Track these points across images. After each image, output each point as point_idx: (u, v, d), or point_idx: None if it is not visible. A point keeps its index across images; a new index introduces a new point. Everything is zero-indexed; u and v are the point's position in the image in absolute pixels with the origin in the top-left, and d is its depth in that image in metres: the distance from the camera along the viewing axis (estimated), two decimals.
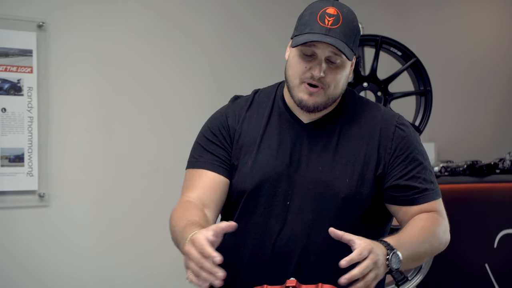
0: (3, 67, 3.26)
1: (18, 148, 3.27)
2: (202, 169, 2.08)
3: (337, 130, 2.08)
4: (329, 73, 1.97)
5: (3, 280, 3.23)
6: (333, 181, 2.03)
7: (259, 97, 2.18)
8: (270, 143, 2.07)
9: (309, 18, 1.98)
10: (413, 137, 2.14)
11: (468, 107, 4.64)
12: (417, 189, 2.07)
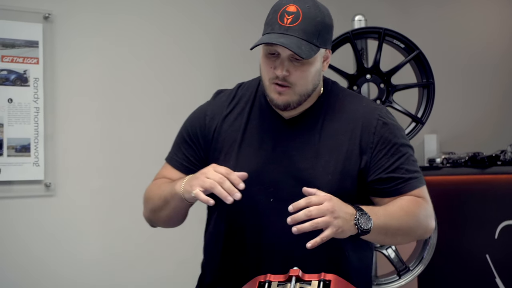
0: (10, 58, 3.26)
1: (25, 139, 3.28)
2: (170, 166, 2.17)
3: (319, 125, 2.06)
4: (294, 71, 1.94)
5: (12, 267, 3.25)
6: (316, 178, 2.02)
7: (241, 91, 2.16)
8: (252, 141, 2.06)
9: (272, 18, 1.96)
10: (395, 129, 2.12)
11: (470, 100, 4.64)
12: (400, 179, 2.06)
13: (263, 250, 2.03)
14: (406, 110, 3.62)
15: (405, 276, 3.57)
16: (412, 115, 3.63)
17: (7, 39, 3.25)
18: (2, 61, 3.24)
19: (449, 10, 4.65)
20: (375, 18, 3.96)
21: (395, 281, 3.57)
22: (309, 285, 1.66)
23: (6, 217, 3.25)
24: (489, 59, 4.73)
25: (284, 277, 1.70)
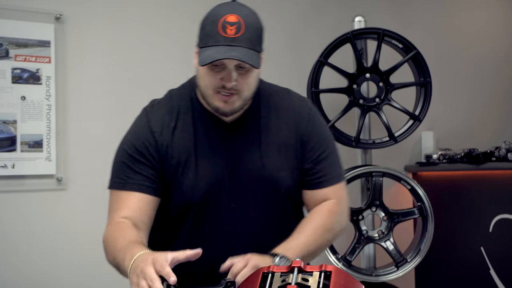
0: (23, 57, 3.26)
1: (37, 135, 3.28)
2: (130, 191, 1.99)
3: (261, 124, 2.07)
4: (240, 79, 1.92)
5: (24, 259, 3.25)
6: (272, 176, 2.03)
7: (176, 102, 2.09)
8: (204, 151, 2.02)
9: (211, 28, 1.89)
10: (323, 125, 2.17)
11: (466, 98, 4.63)
12: (322, 172, 2.08)
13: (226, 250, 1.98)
14: (404, 108, 3.63)
15: (403, 267, 3.58)
16: (410, 112, 3.64)
17: (20, 39, 3.26)
18: (15, 60, 3.24)
19: (446, 11, 4.64)
20: (375, 19, 3.96)
21: (393, 272, 3.58)
22: (310, 276, 1.67)
23: (19, 210, 3.25)
24: (484, 58, 4.72)
25: (287, 268, 1.71)
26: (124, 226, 1.94)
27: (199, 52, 1.91)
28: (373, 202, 3.60)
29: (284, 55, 4.05)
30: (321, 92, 3.58)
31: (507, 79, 4.80)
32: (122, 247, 1.83)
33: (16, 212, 3.25)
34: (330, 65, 3.57)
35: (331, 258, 3.49)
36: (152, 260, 1.66)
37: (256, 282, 1.69)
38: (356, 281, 1.70)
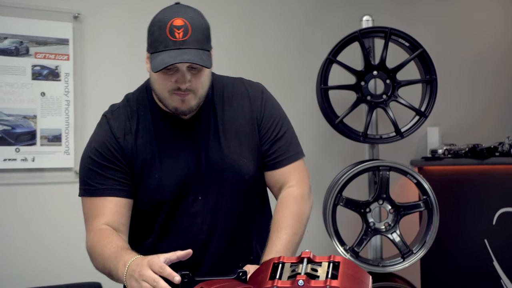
0: (42, 55, 3.28)
1: (56, 129, 3.30)
2: (105, 197, 1.98)
3: (217, 116, 2.08)
4: (193, 79, 1.93)
5: (44, 249, 3.28)
6: (234, 164, 2.05)
7: (134, 105, 2.08)
8: (167, 151, 2.03)
9: (160, 34, 1.89)
10: (277, 106, 2.18)
11: (471, 95, 4.63)
12: (279, 152, 2.10)
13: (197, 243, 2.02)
14: (410, 104, 3.63)
15: (409, 258, 3.59)
16: (416, 109, 3.64)
17: (40, 37, 3.28)
18: (35, 57, 3.27)
19: (450, 10, 4.64)
20: (382, 18, 3.96)
21: (400, 263, 3.59)
22: (319, 266, 1.68)
23: (39, 202, 3.28)
24: (489, 57, 4.72)
25: (297, 258, 1.72)
26: (107, 233, 1.94)
27: (151, 58, 1.91)
28: (380, 195, 3.61)
29: (293, 53, 4.06)
30: (330, 88, 3.59)
31: (510, 75, 4.79)
32: (111, 254, 1.84)
33: (36, 203, 3.27)
34: (338, 63, 3.58)
35: (339, 249, 3.51)
36: (147, 263, 1.68)
37: (267, 272, 1.71)
38: (363, 271, 1.72)
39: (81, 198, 2.04)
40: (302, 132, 3.99)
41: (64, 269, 3.25)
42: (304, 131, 4.05)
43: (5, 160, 3.18)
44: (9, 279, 3.13)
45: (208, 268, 2.05)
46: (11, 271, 3.18)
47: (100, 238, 1.92)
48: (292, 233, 1.99)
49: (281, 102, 2.08)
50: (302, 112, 4.02)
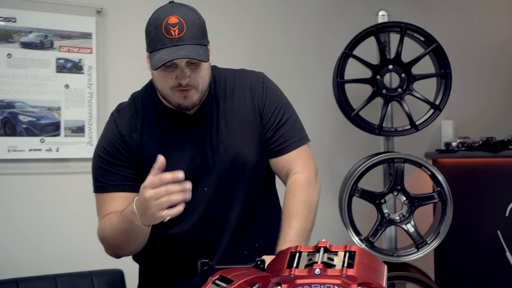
0: (66, 48, 3.30)
1: (80, 120, 3.32)
2: (114, 192, 2.02)
3: (220, 109, 2.08)
4: (193, 74, 1.94)
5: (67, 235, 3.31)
6: (237, 154, 2.06)
7: (139, 104, 2.11)
8: (172, 145, 2.05)
9: (156, 33, 1.91)
10: (279, 93, 2.17)
11: (485, 88, 4.60)
12: (283, 138, 2.10)
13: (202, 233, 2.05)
14: (425, 97, 3.62)
15: (423, 249, 3.58)
16: (430, 102, 3.62)
17: (64, 31, 3.29)
18: (59, 50, 3.28)
19: (466, 5, 4.60)
20: (398, 13, 3.94)
21: (414, 253, 3.58)
22: (336, 255, 1.68)
23: (63, 191, 3.30)
24: (502, 50, 4.68)
25: (313, 248, 1.72)
26: (110, 215, 2.00)
27: (150, 57, 1.93)
28: (395, 186, 3.60)
29: (310, 48, 4.05)
30: (346, 82, 3.58)
31: None
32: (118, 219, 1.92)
33: (60, 193, 3.29)
34: (355, 57, 3.57)
35: (355, 239, 3.50)
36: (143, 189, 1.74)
37: (284, 261, 1.71)
38: (379, 260, 1.71)
39: (95, 194, 2.09)
40: (318, 124, 4.02)
41: (88, 256, 3.26)
42: (321, 124, 4.05)
43: (31, 150, 3.21)
44: (36, 265, 3.16)
45: (220, 256, 2.07)
46: (38, 257, 3.21)
47: (107, 218, 2.00)
48: (303, 221, 1.99)
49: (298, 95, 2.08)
50: (318, 105, 4.02)
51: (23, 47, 3.20)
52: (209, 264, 1.73)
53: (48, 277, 3.08)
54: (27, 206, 3.21)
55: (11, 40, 3.17)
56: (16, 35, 3.19)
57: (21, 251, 3.18)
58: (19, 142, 3.18)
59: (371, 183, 3.74)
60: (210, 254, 2.04)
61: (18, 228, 3.19)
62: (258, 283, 1.52)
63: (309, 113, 3.91)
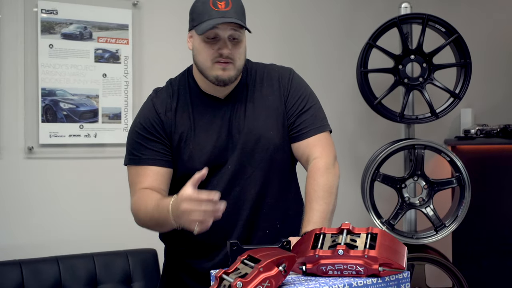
0: (104, 39, 3.32)
1: (116, 108, 3.34)
2: (146, 166, 2.06)
3: (249, 95, 2.13)
4: (233, 48, 2.01)
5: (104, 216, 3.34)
6: (262, 135, 2.10)
7: (176, 87, 2.16)
8: (202, 125, 2.09)
9: (203, 8, 1.99)
10: (304, 84, 2.21)
11: (503, 77, 4.54)
12: (305, 124, 2.13)
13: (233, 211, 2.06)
14: (445, 86, 3.59)
15: (441, 231, 3.56)
16: (450, 91, 3.59)
17: (102, 23, 3.31)
18: (98, 41, 3.30)
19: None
20: (420, 5, 3.91)
21: (433, 235, 3.57)
22: (358, 237, 1.68)
23: (100, 174, 3.33)
24: None
25: (337, 230, 1.72)
26: (148, 192, 2.03)
27: (195, 28, 2.01)
28: (415, 172, 3.58)
29: (335, 38, 4.03)
30: (369, 72, 3.57)
31: None
32: (155, 206, 1.94)
33: (98, 176, 3.33)
34: (378, 47, 3.54)
35: (376, 222, 3.50)
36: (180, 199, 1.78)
37: (309, 242, 1.72)
38: (399, 242, 1.71)
39: (127, 166, 2.14)
40: (342, 112, 4.00)
41: (123, 236, 3.29)
42: (345, 111, 4.04)
43: (70, 136, 3.24)
44: (74, 245, 3.20)
45: (239, 233, 2.09)
46: (76, 237, 3.24)
47: (143, 198, 2.02)
48: (324, 203, 2.01)
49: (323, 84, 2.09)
50: (343, 93, 4.00)
51: (64, 38, 3.22)
52: (237, 244, 1.75)
53: (86, 256, 3.12)
54: (66, 188, 3.25)
55: (52, 32, 3.20)
56: (58, 27, 3.21)
57: (61, 231, 3.22)
58: (59, 128, 3.21)
59: (392, 169, 3.73)
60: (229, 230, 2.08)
61: (58, 209, 3.23)
62: (284, 262, 1.53)
63: (334, 102, 3.89)
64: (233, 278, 1.51)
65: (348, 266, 1.62)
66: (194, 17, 2.04)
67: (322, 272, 1.65)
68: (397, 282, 1.65)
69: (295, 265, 1.67)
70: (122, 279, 3.13)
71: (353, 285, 1.57)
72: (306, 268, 1.67)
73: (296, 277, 1.67)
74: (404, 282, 1.66)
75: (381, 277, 1.62)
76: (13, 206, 3.13)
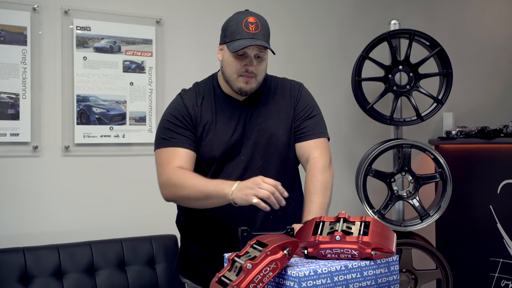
0: (131, 52, 3.32)
1: (142, 112, 3.35)
2: (176, 147, 2.09)
3: (264, 100, 2.18)
4: (257, 65, 2.06)
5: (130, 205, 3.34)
6: (272, 133, 2.15)
7: (202, 88, 2.21)
8: (222, 120, 2.13)
9: (236, 28, 2.03)
10: (311, 96, 2.27)
11: (480, 85, 4.53)
12: (308, 128, 2.17)
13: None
14: (429, 93, 3.59)
15: (426, 220, 3.56)
16: (434, 97, 3.59)
17: (129, 38, 3.32)
18: (125, 54, 3.30)
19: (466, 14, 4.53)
20: (407, 21, 3.90)
21: (418, 224, 3.57)
22: (353, 224, 1.68)
23: (127, 169, 3.33)
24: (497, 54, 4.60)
25: (334, 218, 1.73)
26: (188, 171, 2.06)
27: (228, 44, 2.05)
28: (403, 168, 3.58)
29: (333, 51, 4.03)
30: (362, 80, 3.56)
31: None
32: (208, 182, 1.97)
33: (125, 170, 3.33)
34: (370, 59, 3.54)
35: (369, 211, 3.49)
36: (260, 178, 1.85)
37: (310, 229, 1.72)
38: (389, 229, 1.72)
39: (156, 151, 2.16)
40: (339, 115, 4.00)
41: (148, 224, 3.30)
42: (341, 115, 4.04)
43: (102, 136, 3.25)
44: (105, 231, 3.20)
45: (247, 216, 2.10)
46: (106, 224, 3.25)
47: (185, 173, 2.05)
48: (322, 196, 2.03)
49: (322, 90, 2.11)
50: (339, 99, 4.00)
51: (96, 51, 3.23)
52: (247, 231, 1.75)
53: (115, 241, 3.13)
54: (98, 181, 3.26)
55: (86, 46, 3.21)
56: (91, 41, 3.22)
57: (93, 219, 3.23)
58: (92, 130, 3.22)
59: (383, 165, 3.73)
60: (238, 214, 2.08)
61: (91, 200, 3.24)
62: (289, 247, 1.53)
63: (332, 106, 3.89)
64: (243, 260, 1.52)
65: (344, 250, 1.62)
66: (227, 34, 2.08)
67: (321, 256, 1.66)
68: (387, 264, 1.65)
69: (298, 249, 1.67)
70: (146, 261, 3.14)
71: (348, 267, 1.58)
72: (307, 252, 1.67)
73: (299, 259, 1.67)
74: (394, 264, 1.67)
75: (373, 260, 1.62)
76: (52, 197, 3.15)
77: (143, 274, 3.08)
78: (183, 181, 2.03)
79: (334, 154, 2.32)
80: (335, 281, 1.54)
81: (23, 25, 3.05)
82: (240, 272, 1.49)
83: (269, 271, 1.48)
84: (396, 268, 1.67)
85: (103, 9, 3.26)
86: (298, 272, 1.50)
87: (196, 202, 2.04)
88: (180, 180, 2.04)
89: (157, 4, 3.43)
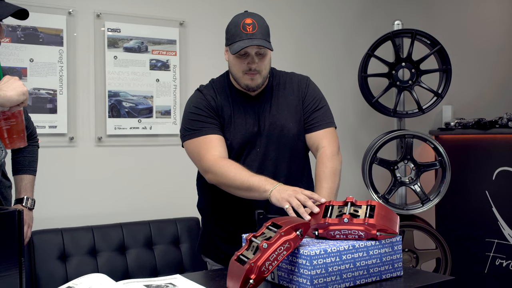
0: (157, 52, 3.33)
1: (167, 106, 3.35)
2: (209, 135, 2.03)
3: (274, 95, 2.15)
4: (259, 61, 2.02)
5: (157, 190, 3.34)
6: (284, 126, 2.11)
7: (218, 84, 2.17)
8: (239, 114, 2.10)
9: (235, 30, 2.00)
10: (318, 89, 2.23)
11: (477, 80, 4.48)
12: (316, 119, 2.14)
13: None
14: (430, 87, 3.56)
15: (427, 204, 3.54)
16: (434, 91, 3.56)
17: (155, 38, 3.32)
18: (152, 53, 3.31)
19: (464, 13, 4.48)
20: (410, 21, 3.87)
21: (419, 207, 3.55)
22: (360, 208, 1.68)
23: (155, 158, 3.34)
24: (491, 50, 4.55)
25: (343, 202, 1.72)
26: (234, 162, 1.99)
27: (229, 47, 2.03)
28: (405, 156, 3.56)
29: (340, 49, 4.00)
30: (368, 76, 3.54)
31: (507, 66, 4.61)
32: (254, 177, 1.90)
33: (153, 159, 3.34)
34: (375, 56, 3.52)
35: (374, 196, 3.48)
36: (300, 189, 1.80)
37: (320, 212, 1.71)
38: (393, 212, 1.71)
39: (185, 143, 2.10)
40: (346, 108, 3.98)
41: (173, 207, 3.32)
42: (348, 108, 4.02)
43: (131, 128, 3.26)
44: (134, 214, 3.23)
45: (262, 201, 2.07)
46: (135, 208, 3.27)
47: (229, 163, 1.98)
48: (331, 182, 2.01)
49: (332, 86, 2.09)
50: (347, 93, 3.98)
51: (125, 51, 3.24)
52: (263, 214, 1.75)
53: (143, 223, 3.15)
54: (128, 169, 3.28)
55: (116, 46, 3.22)
56: (121, 42, 3.23)
57: (123, 203, 3.25)
58: (122, 122, 3.23)
59: (387, 154, 3.71)
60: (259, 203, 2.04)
61: (122, 186, 3.26)
62: (301, 228, 1.53)
63: (339, 100, 3.87)
64: (260, 240, 1.52)
65: (352, 231, 1.62)
66: (228, 37, 2.06)
67: (331, 236, 1.65)
68: (391, 244, 1.64)
69: (309, 230, 1.67)
70: (172, 241, 3.16)
71: (356, 246, 1.57)
72: (318, 233, 1.67)
73: (310, 240, 1.67)
74: (397, 244, 1.66)
75: (378, 240, 1.62)
76: (86, 183, 3.17)
77: (169, 253, 3.10)
78: (227, 170, 1.95)
79: (342, 144, 2.30)
80: (343, 259, 1.54)
81: (59, 28, 3.07)
82: (257, 251, 1.49)
83: (283, 250, 1.48)
84: (399, 248, 1.66)
85: (131, 13, 3.27)
86: (309, 251, 1.50)
87: (236, 191, 1.96)
88: (224, 169, 1.96)
89: (181, 7, 3.43)
